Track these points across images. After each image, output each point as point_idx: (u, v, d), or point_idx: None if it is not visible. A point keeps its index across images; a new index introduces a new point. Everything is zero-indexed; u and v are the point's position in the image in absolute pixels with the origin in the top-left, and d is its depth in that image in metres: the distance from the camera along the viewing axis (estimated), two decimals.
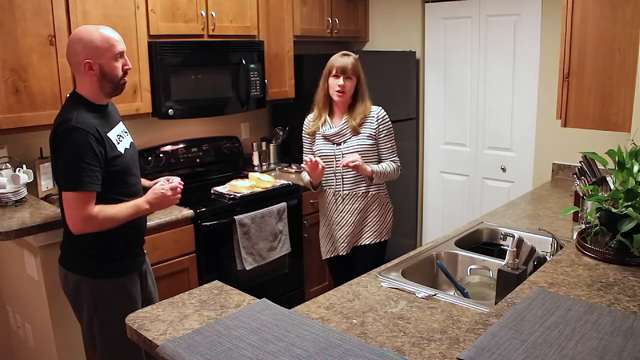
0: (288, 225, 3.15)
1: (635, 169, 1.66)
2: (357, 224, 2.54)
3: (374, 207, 2.55)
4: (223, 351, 1.27)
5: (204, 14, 3.02)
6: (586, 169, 2.20)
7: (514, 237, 1.75)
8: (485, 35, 3.64)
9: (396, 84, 3.82)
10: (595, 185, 1.90)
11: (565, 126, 2.48)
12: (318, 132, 2.57)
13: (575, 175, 2.25)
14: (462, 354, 1.18)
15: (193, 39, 3.01)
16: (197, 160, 3.38)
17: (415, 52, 3.96)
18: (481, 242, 2.43)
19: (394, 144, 2.56)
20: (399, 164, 2.56)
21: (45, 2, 2.40)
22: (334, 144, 2.53)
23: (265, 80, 3.38)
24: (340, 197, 2.54)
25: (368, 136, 2.49)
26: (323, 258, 2.70)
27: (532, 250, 1.83)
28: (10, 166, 2.49)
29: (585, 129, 2.45)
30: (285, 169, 3.70)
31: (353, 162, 2.36)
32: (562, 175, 3.32)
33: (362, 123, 2.49)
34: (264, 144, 3.78)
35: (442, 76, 3.93)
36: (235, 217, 2.87)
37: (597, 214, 1.73)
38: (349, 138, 2.50)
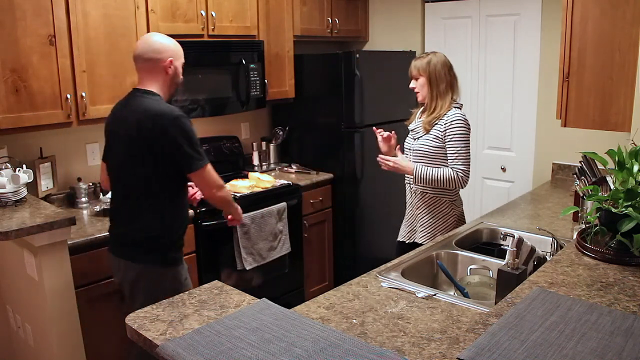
0: (288, 225, 3.15)
1: (635, 169, 1.66)
2: (414, 219, 2.61)
3: (431, 209, 2.54)
4: (223, 351, 1.27)
5: (204, 13, 3.02)
6: (586, 169, 2.20)
7: (514, 237, 1.74)
8: (485, 35, 3.64)
9: (396, 84, 3.82)
10: (595, 185, 1.90)
11: (565, 126, 2.48)
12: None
13: (575, 175, 2.25)
14: (462, 354, 1.18)
15: (193, 39, 3.01)
16: None
17: (415, 52, 3.96)
18: (481, 242, 2.43)
19: (460, 150, 2.43)
20: (459, 173, 2.42)
21: (45, 2, 2.40)
22: (412, 138, 2.59)
23: (265, 80, 3.38)
24: (412, 190, 2.61)
25: (435, 138, 2.47)
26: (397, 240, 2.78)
27: (532, 250, 1.83)
28: (10, 166, 2.49)
29: (585, 129, 2.45)
30: (285, 169, 3.70)
31: (386, 165, 2.48)
32: (562, 175, 3.32)
33: (435, 124, 2.48)
34: (264, 143, 3.78)
35: None
36: None
37: (597, 214, 1.73)
38: (421, 136, 2.53)
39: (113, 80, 2.69)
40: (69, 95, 2.51)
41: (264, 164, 3.72)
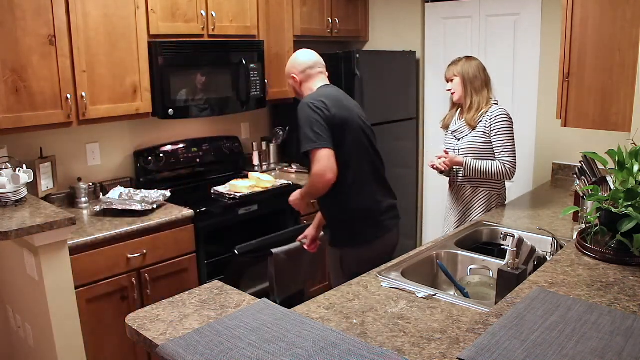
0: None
1: (635, 169, 1.66)
2: (463, 214, 2.73)
3: (480, 203, 2.67)
4: (223, 351, 1.27)
5: (204, 14, 3.02)
6: (586, 169, 2.20)
7: (514, 237, 1.74)
8: (485, 35, 3.64)
9: (396, 84, 3.82)
10: (595, 185, 1.90)
11: (565, 126, 2.48)
12: (448, 128, 2.78)
13: (575, 175, 2.25)
14: (462, 354, 1.18)
15: (193, 39, 3.01)
16: (197, 160, 3.38)
17: (415, 52, 3.96)
18: (481, 242, 2.43)
19: (506, 143, 2.55)
20: (507, 165, 2.54)
21: (45, 2, 2.40)
22: (456, 139, 2.71)
23: (265, 80, 3.37)
24: (455, 185, 2.74)
25: (482, 134, 2.59)
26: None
27: (532, 250, 1.83)
28: (10, 166, 2.49)
29: (585, 129, 2.45)
30: (285, 168, 3.70)
31: (435, 164, 2.63)
32: (562, 175, 3.32)
33: (480, 121, 2.59)
34: (264, 143, 3.78)
35: (442, 76, 3.91)
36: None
37: (597, 214, 1.73)
38: (466, 135, 2.64)
39: (113, 80, 2.69)
40: (69, 95, 2.52)
41: (264, 164, 3.72)
